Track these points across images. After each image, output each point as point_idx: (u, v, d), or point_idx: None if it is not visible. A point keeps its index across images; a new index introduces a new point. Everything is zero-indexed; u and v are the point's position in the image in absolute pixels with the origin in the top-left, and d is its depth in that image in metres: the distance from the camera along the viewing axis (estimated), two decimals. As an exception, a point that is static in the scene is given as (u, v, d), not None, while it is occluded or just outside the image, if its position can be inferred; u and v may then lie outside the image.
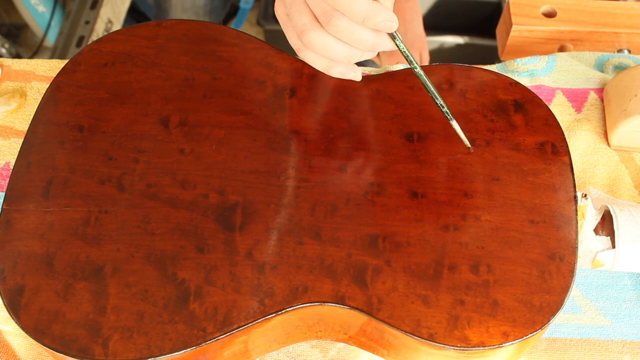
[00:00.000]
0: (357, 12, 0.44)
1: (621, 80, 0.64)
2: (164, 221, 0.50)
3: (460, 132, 0.52)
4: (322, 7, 0.45)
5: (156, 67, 0.57)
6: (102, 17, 1.41)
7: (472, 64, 0.59)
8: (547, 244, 0.49)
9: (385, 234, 0.49)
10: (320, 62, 0.49)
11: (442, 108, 0.51)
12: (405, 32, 0.87)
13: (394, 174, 0.52)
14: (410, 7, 0.87)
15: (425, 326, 0.46)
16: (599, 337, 0.56)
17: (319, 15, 0.45)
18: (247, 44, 0.58)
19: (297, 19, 0.47)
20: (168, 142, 0.53)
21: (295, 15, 0.47)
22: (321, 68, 0.49)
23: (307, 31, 0.46)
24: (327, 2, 0.44)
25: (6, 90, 0.67)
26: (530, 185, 0.52)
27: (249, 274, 0.48)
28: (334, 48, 0.47)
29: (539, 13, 0.73)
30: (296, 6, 0.47)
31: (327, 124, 0.54)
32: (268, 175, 0.52)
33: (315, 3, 0.45)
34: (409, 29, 0.87)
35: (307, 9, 0.46)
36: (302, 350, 0.55)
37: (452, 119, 0.51)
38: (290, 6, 0.47)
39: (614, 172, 0.63)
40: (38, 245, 0.49)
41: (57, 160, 0.52)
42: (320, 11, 0.45)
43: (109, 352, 0.45)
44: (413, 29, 0.88)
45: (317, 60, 0.49)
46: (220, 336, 0.46)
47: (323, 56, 0.48)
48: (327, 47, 0.47)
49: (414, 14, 0.88)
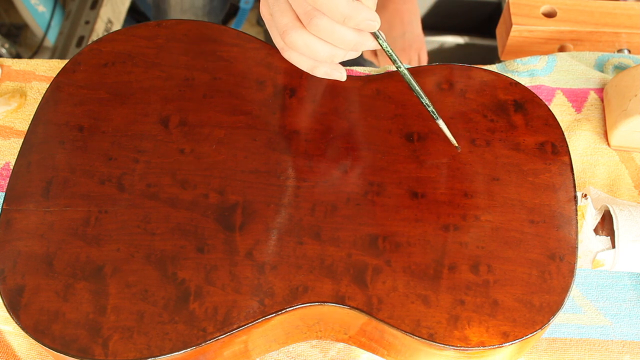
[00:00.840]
0: (338, 12, 0.44)
1: (621, 80, 0.64)
2: (164, 221, 0.50)
3: (447, 131, 0.52)
4: (303, 7, 0.45)
5: (156, 67, 0.57)
6: (102, 17, 1.41)
7: (472, 64, 0.59)
8: (547, 244, 0.49)
9: (385, 234, 0.49)
10: (304, 62, 0.49)
11: (428, 107, 0.51)
12: (403, 33, 0.87)
13: (394, 174, 0.52)
14: (408, 9, 0.87)
15: (425, 326, 0.46)
16: (599, 337, 0.56)
17: (300, 15, 0.45)
18: (247, 44, 0.58)
19: (280, 19, 0.47)
20: (168, 142, 0.53)
21: (277, 16, 0.47)
22: (305, 68, 0.49)
23: (289, 31, 0.46)
24: (308, 2, 0.44)
25: (6, 90, 0.67)
26: (530, 185, 0.52)
27: (249, 274, 0.48)
28: (316, 48, 0.47)
29: (539, 13, 0.73)
30: (279, 6, 0.47)
31: (327, 124, 0.54)
32: (268, 175, 0.52)
33: (297, 3, 0.45)
34: (407, 30, 0.88)
35: (290, 9, 0.46)
36: (302, 350, 0.55)
37: (438, 118, 0.51)
38: (273, 6, 0.47)
39: (614, 172, 0.63)
40: (38, 245, 0.49)
41: (57, 160, 0.52)
42: (301, 11, 0.45)
43: (109, 352, 0.45)
44: (411, 30, 0.88)
45: (301, 61, 0.49)
46: (220, 336, 0.46)
47: (306, 56, 0.48)
48: (310, 47, 0.47)
49: (412, 15, 0.88)
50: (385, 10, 0.87)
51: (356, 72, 0.68)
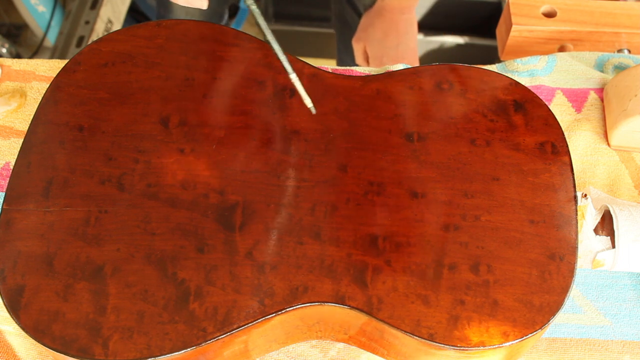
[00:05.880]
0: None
1: (621, 80, 0.64)
2: (164, 221, 0.50)
3: (301, 87, 0.52)
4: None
5: (156, 67, 0.57)
6: (102, 17, 1.41)
7: (472, 64, 0.59)
8: (547, 244, 0.49)
9: (385, 234, 0.49)
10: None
11: (282, 61, 0.51)
12: (398, 44, 0.87)
13: (394, 173, 0.52)
14: (405, 20, 0.87)
15: (425, 326, 0.46)
16: (599, 337, 0.56)
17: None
18: (247, 44, 0.58)
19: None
20: (168, 142, 0.53)
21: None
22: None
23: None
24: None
25: (6, 90, 0.67)
26: (530, 185, 0.52)
27: (249, 274, 0.48)
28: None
29: (539, 13, 0.73)
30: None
31: (327, 124, 0.54)
32: (268, 175, 0.52)
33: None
34: (402, 42, 0.87)
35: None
36: (302, 350, 0.55)
37: (291, 72, 0.51)
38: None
39: (614, 172, 0.63)
40: (38, 245, 0.49)
41: (57, 160, 0.52)
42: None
43: (109, 352, 0.45)
44: (406, 42, 0.88)
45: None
46: (220, 336, 0.46)
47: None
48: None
49: (409, 27, 0.88)
50: (382, 19, 0.87)
51: (356, 72, 0.68)
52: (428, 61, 1.59)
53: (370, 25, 0.88)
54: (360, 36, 0.90)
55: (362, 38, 0.89)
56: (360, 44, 0.90)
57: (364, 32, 0.89)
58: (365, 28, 0.89)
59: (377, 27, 0.87)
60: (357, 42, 0.90)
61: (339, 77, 0.57)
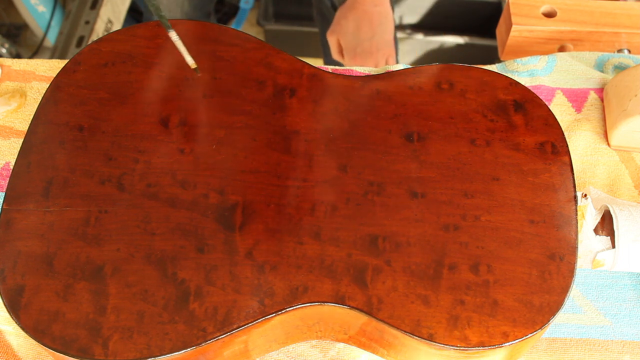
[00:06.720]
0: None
1: (621, 80, 0.64)
2: (164, 221, 0.50)
3: (182, 46, 0.52)
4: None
5: (156, 67, 0.57)
6: (102, 17, 1.41)
7: (472, 64, 0.59)
8: (547, 244, 0.49)
9: (385, 234, 0.49)
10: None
11: (161, 18, 0.51)
12: (372, 36, 0.86)
13: (393, 173, 0.52)
14: (379, 12, 0.86)
15: (425, 326, 0.46)
16: (599, 337, 0.56)
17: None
18: (247, 44, 0.58)
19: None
20: (168, 142, 0.53)
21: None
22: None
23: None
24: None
25: (6, 90, 0.67)
26: (530, 185, 0.52)
27: (249, 274, 0.48)
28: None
29: (539, 13, 0.73)
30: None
31: (327, 124, 0.54)
32: (268, 175, 0.52)
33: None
34: (376, 33, 0.86)
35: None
36: (302, 350, 0.55)
37: (170, 29, 0.52)
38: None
39: (614, 172, 0.63)
40: (38, 245, 0.49)
41: (57, 160, 0.52)
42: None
43: (109, 352, 0.45)
44: (381, 34, 0.87)
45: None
46: (220, 336, 0.46)
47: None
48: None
49: (383, 18, 0.87)
50: (354, 11, 0.86)
51: (356, 72, 0.68)
52: (428, 61, 1.59)
53: (344, 17, 0.87)
54: (334, 29, 0.89)
55: (336, 31, 0.89)
56: (334, 37, 0.89)
57: (337, 25, 0.89)
58: (339, 21, 0.88)
59: (350, 20, 0.87)
60: (331, 35, 0.90)
61: (339, 77, 0.57)
